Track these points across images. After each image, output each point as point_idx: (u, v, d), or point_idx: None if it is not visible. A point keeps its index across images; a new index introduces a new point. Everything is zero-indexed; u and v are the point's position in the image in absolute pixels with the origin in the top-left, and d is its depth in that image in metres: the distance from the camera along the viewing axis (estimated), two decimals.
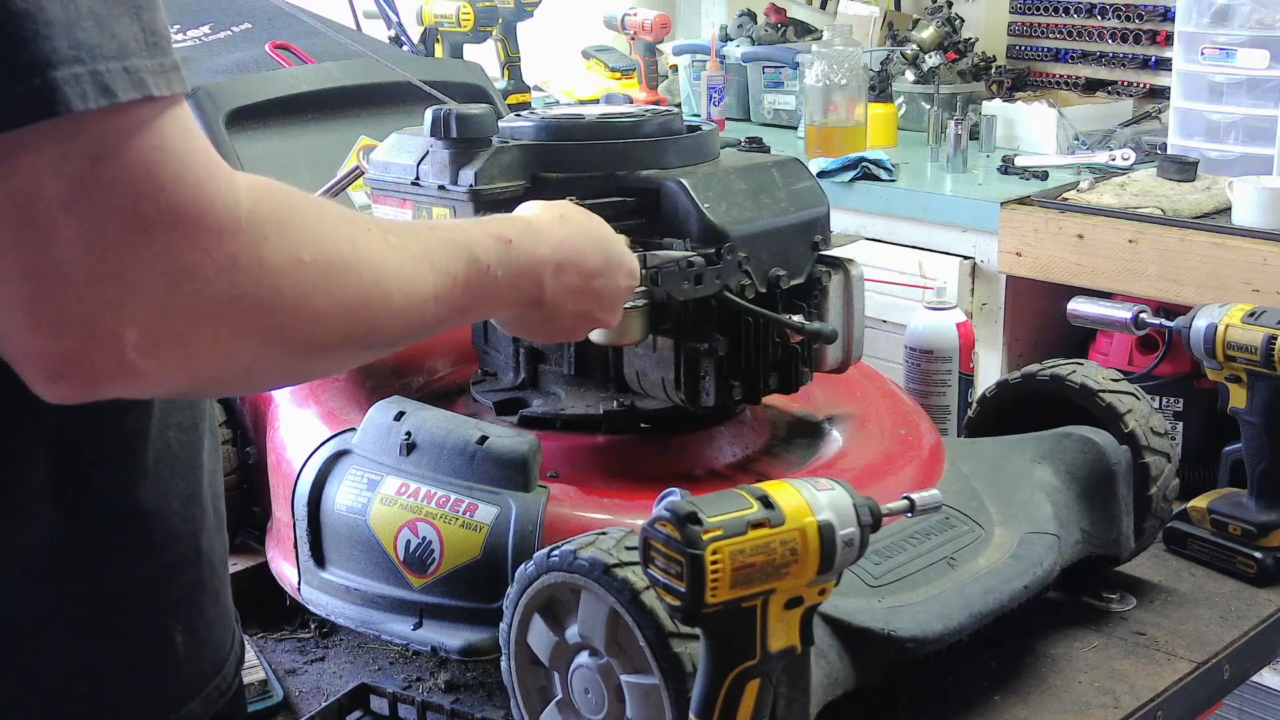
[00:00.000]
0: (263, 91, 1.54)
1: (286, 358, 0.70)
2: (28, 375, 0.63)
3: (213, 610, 0.85)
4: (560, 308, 0.96)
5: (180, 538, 0.81)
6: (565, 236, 0.96)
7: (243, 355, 0.67)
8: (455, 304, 0.83)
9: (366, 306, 0.73)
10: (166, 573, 0.80)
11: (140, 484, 0.78)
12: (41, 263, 0.59)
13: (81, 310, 0.60)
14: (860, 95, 3.03)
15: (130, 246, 0.60)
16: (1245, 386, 1.34)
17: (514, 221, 0.95)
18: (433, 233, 0.84)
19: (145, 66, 0.61)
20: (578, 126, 1.22)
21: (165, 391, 0.67)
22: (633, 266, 1.03)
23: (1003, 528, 1.18)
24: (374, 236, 0.75)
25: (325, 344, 0.71)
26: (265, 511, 1.29)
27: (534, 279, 0.92)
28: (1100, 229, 2.41)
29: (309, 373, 0.81)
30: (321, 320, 0.70)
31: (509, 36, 3.25)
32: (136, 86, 0.60)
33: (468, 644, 1.06)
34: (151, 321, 0.62)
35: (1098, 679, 1.15)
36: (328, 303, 0.69)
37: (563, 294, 0.95)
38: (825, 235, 1.24)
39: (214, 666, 0.85)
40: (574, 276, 0.96)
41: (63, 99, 0.58)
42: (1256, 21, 2.56)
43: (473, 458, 1.10)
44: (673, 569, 0.79)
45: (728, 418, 1.27)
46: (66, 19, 0.58)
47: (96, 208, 0.60)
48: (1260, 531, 1.34)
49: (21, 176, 0.59)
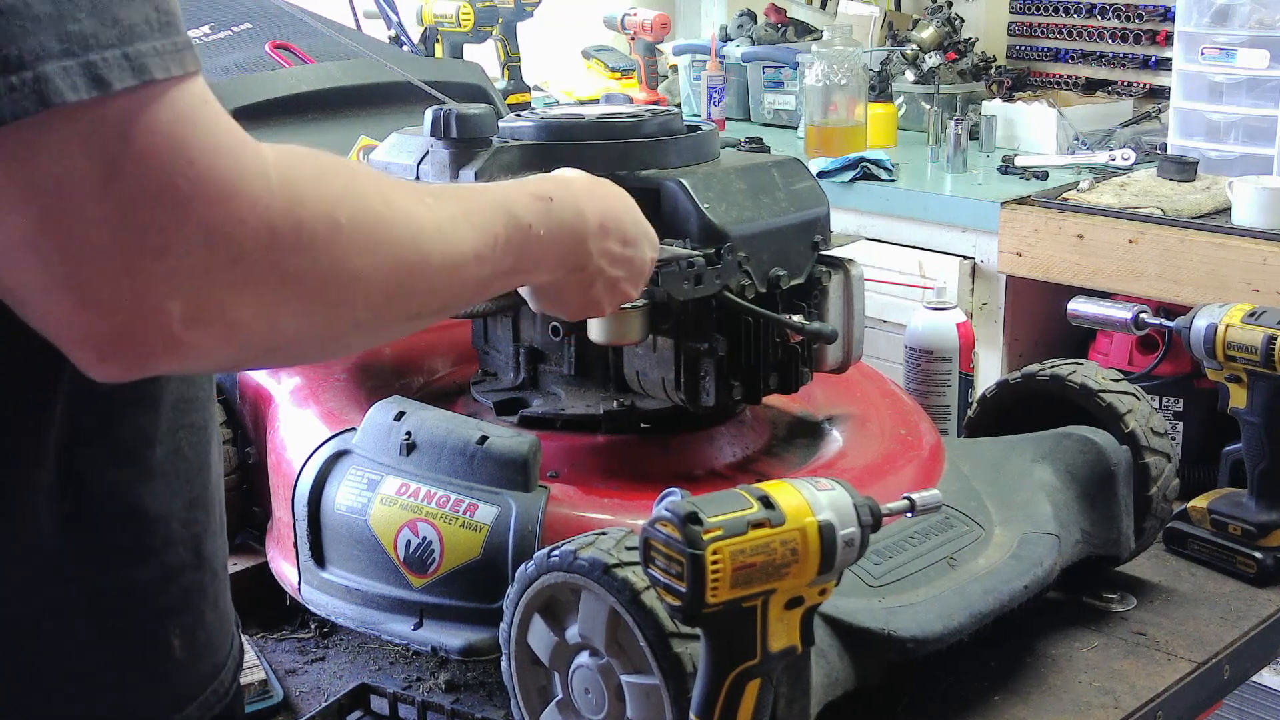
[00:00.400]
0: (263, 91, 1.54)
1: (330, 324, 0.70)
2: (77, 357, 0.63)
3: (212, 615, 0.84)
4: (601, 272, 0.96)
5: (181, 541, 0.81)
6: (603, 198, 0.97)
7: (287, 323, 0.67)
8: (498, 264, 0.83)
9: (407, 266, 0.73)
10: (166, 576, 0.80)
11: (144, 486, 0.78)
12: (80, 243, 0.60)
13: (125, 287, 0.61)
14: (860, 95, 3.03)
15: (167, 221, 0.61)
16: (1245, 386, 1.34)
17: (553, 180, 0.95)
18: (471, 193, 0.84)
19: (154, 49, 0.61)
20: (578, 126, 1.22)
21: (214, 364, 0.68)
22: (654, 238, 1.03)
23: (1003, 528, 1.18)
24: (410, 197, 0.75)
25: (368, 307, 0.71)
26: (265, 511, 1.29)
27: (578, 237, 0.92)
28: (1100, 229, 2.41)
29: (354, 342, 0.80)
30: (362, 282, 0.70)
31: (509, 36, 3.26)
32: (137, 72, 0.61)
33: (468, 644, 1.06)
34: (195, 294, 0.62)
35: (1098, 679, 1.15)
36: (368, 263, 0.70)
37: (604, 257, 0.95)
38: (825, 235, 1.24)
39: (212, 670, 0.85)
40: (614, 241, 0.96)
41: (54, 90, 0.58)
42: (1256, 21, 2.56)
43: (473, 458, 1.10)
44: (673, 569, 0.79)
45: (728, 418, 1.27)
46: (56, 13, 0.59)
47: (129, 185, 0.60)
48: (1260, 531, 1.34)
49: (46, 161, 0.59)
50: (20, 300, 0.62)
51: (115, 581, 0.77)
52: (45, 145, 0.59)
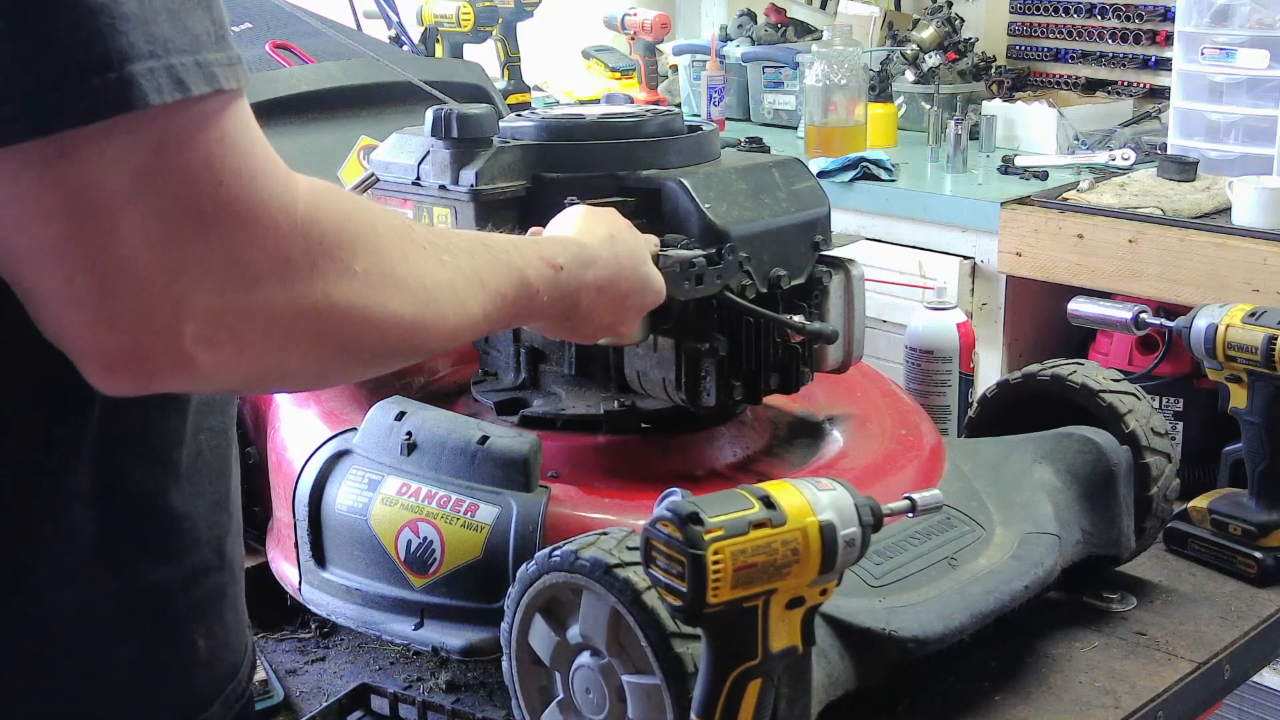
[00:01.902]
0: (263, 91, 1.54)
1: (336, 362, 0.71)
2: (85, 368, 0.63)
3: (231, 615, 0.85)
4: (589, 320, 0.99)
5: (206, 542, 0.81)
6: (612, 258, 0.99)
7: (294, 356, 0.67)
8: (499, 321, 0.86)
9: (418, 321, 0.74)
10: (192, 577, 0.80)
11: (173, 488, 0.78)
12: (105, 257, 0.59)
13: (142, 303, 0.60)
14: (860, 95, 3.03)
15: (190, 240, 0.61)
16: (1245, 386, 1.34)
17: (567, 246, 0.96)
18: (488, 251, 0.85)
19: (215, 60, 0.62)
20: (578, 126, 1.22)
21: (221, 386, 0.68)
22: (659, 286, 1.05)
23: (1003, 528, 1.18)
24: (428, 254, 0.76)
25: (374, 351, 0.72)
26: (266, 511, 1.29)
27: (574, 300, 0.96)
28: (1100, 229, 2.41)
29: (356, 376, 0.82)
30: (371, 330, 0.70)
31: (509, 36, 3.25)
32: (208, 80, 0.61)
33: (469, 644, 1.06)
34: (209, 315, 0.62)
35: (1098, 679, 1.15)
36: (378, 314, 0.71)
37: (595, 310, 0.98)
38: (826, 235, 1.24)
39: (230, 670, 0.85)
40: (610, 296, 0.99)
41: (139, 93, 0.58)
42: (1256, 21, 2.56)
43: (474, 458, 1.10)
44: (674, 569, 0.79)
45: (729, 418, 1.27)
46: (142, 14, 0.58)
47: (158, 200, 0.60)
48: (1260, 531, 1.34)
49: (84, 170, 0.59)
50: (37, 303, 0.62)
51: (146, 583, 0.77)
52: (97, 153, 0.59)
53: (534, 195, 1.18)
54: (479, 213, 1.15)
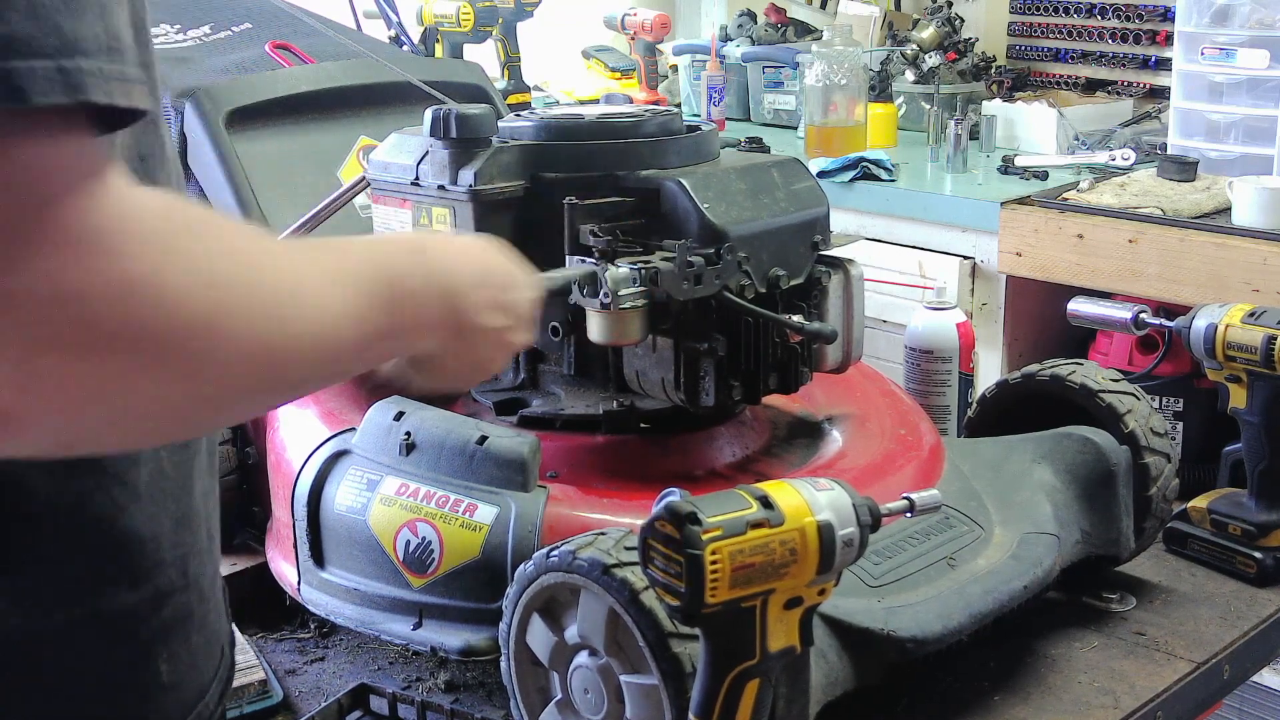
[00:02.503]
0: (263, 91, 1.54)
1: (185, 395, 0.61)
2: None
3: (198, 638, 0.82)
4: (483, 330, 0.87)
5: (170, 563, 0.78)
6: (473, 249, 0.89)
7: (136, 393, 0.59)
8: (373, 326, 0.74)
9: (277, 328, 0.65)
10: (155, 600, 0.77)
11: (134, 508, 0.76)
12: None
13: None
14: (860, 95, 3.03)
15: (7, 267, 0.53)
16: (1245, 386, 1.34)
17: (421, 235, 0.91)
18: (344, 251, 0.76)
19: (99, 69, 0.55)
20: (578, 126, 1.22)
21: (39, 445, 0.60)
22: (530, 278, 0.96)
23: (1003, 528, 1.18)
24: (280, 257, 0.68)
25: (231, 375, 0.62)
26: (265, 511, 1.29)
27: (452, 289, 0.83)
28: (1100, 229, 2.41)
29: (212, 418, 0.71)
30: (227, 346, 0.61)
31: (509, 36, 3.25)
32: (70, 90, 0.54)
33: (467, 644, 1.06)
34: (29, 354, 0.54)
35: (1098, 679, 1.15)
36: (234, 326, 0.61)
37: (484, 310, 0.86)
38: (825, 235, 1.24)
39: (197, 693, 0.82)
40: (492, 289, 0.88)
41: None
42: (1256, 21, 2.55)
43: (472, 458, 1.10)
44: (672, 569, 0.79)
45: (727, 418, 1.27)
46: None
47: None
48: (1260, 531, 1.34)
49: None
50: None
51: (110, 608, 0.75)
52: None
53: (533, 195, 1.18)
54: (478, 213, 1.15)
